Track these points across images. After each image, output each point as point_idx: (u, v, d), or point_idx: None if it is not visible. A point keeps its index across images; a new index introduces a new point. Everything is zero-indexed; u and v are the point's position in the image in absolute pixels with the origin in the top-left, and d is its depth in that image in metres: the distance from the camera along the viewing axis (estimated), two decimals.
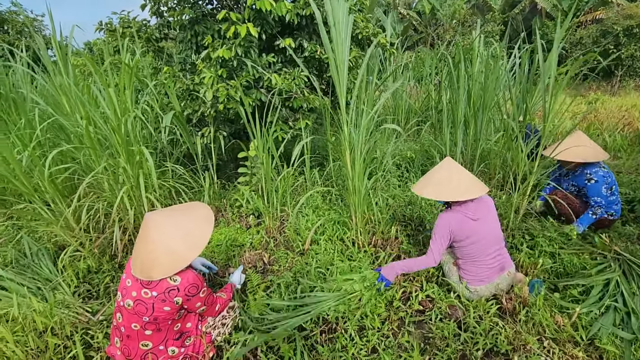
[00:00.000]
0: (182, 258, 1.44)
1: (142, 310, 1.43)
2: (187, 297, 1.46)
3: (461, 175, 1.96)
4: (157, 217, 1.48)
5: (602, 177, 2.54)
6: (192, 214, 1.59)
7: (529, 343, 1.69)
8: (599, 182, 2.53)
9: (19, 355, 1.62)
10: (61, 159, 2.61)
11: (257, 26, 2.74)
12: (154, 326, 1.47)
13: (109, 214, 2.46)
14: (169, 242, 1.43)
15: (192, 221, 1.55)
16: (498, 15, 12.94)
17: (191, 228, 1.52)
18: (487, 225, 1.95)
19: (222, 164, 3.98)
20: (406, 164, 3.85)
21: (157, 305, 1.42)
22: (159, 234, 1.43)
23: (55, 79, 2.53)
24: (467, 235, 1.91)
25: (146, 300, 1.42)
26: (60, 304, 1.98)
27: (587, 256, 2.32)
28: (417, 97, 6.12)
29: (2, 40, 11.85)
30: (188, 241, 1.48)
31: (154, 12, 3.16)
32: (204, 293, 1.54)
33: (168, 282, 1.43)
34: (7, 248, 2.38)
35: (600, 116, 6.02)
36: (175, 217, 1.53)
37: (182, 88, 2.92)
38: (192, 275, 1.48)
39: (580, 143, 2.57)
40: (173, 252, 1.43)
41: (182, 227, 1.50)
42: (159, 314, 1.43)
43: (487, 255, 1.94)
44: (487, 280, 1.95)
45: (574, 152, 2.54)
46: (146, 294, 1.42)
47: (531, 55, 3.03)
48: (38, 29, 12.58)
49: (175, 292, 1.43)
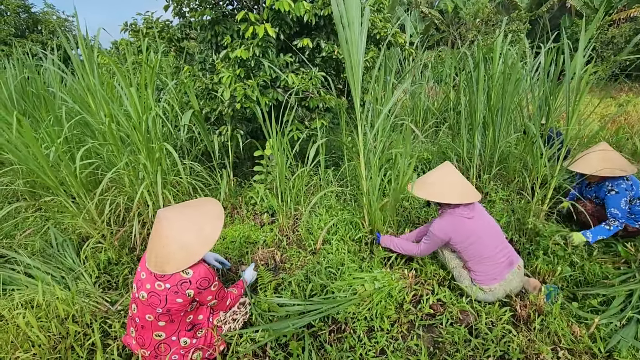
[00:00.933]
0: (194, 253, 1.49)
1: (156, 302, 1.48)
2: (199, 290, 1.51)
3: (457, 179, 2.03)
4: (169, 213, 1.53)
5: (623, 190, 2.42)
6: (203, 210, 1.64)
7: (543, 353, 1.65)
8: (620, 194, 2.41)
9: (42, 339, 1.71)
10: (86, 155, 2.72)
11: (275, 26, 2.78)
12: (167, 317, 1.52)
13: (130, 208, 2.56)
14: (181, 238, 1.49)
15: (204, 217, 1.60)
16: (524, 13, 12.53)
17: (203, 224, 1.57)
18: (484, 221, 1.99)
19: (238, 162, 4.05)
20: (423, 165, 3.80)
21: (170, 297, 1.47)
22: (171, 230, 1.49)
23: (81, 78, 2.64)
24: (467, 235, 1.93)
25: (159, 293, 1.48)
26: (81, 293, 2.07)
27: (609, 265, 2.23)
28: (435, 97, 6.02)
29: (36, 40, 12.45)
30: (200, 237, 1.53)
31: (176, 12, 3.25)
32: (215, 287, 1.58)
33: (181, 274, 1.48)
34: (35, 238, 2.50)
35: (630, 119, 5.75)
36: (187, 214, 1.58)
37: (201, 87, 2.99)
38: (204, 268, 1.53)
39: (606, 157, 2.46)
40: (186, 247, 1.48)
41: (194, 222, 1.55)
42: (172, 306, 1.49)
43: (492, 250, 1.94)
44: (499, 277, 1.93)
45: (599, 165, 2.43)
46: (159, 286, 1.48)
47: (557, 55, 2.93)
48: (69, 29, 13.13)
49: (187, 284, 1.48)
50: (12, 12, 12.35)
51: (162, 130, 3.03)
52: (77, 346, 1.74)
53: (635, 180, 2.50)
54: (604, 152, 2.48)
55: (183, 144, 3.27)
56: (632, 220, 2.46)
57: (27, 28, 13.01)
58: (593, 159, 2.48)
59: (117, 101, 2.88)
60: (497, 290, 1.94)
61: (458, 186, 1.99)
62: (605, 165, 2.42)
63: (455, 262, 2.13)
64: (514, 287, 1.96)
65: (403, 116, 4.87)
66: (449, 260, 2.15)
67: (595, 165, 2.43)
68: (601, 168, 2.40)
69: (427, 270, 2.23)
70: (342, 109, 2.99)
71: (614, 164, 2.43)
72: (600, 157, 2.47)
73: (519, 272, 1.98)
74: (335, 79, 3.40)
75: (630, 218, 2.46)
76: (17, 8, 12.43)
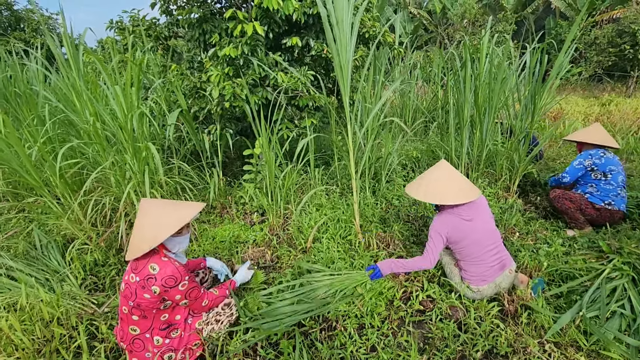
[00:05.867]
0: (146, 238, 1.48)
1: (128, 294, 1.48)
2: (165, 288, 1.47)
3: (454, 178, 1.95)
4: (148, 203, 1.56)
5: (586, 154, 2.72)
6: (181, 206, 1.62)
7: (530, 346, 1.68)
8: (579, 156, 2.74)
9: (26, 343, 1.67)
10: (71, 155, 2.67)
11: (264, 25, 2.76)
12: (139, 312, 1.50)
13: (116, 208, 2.51)
14: (142, 221, 1.50)
15: (173, 214, 1.56)
16: (510, 14, 12.74)
17: (169, 213, 1.55)
18: (482, 224, 1.93)
19: (228, 161, 4.02)
20: (412, 163, 3.83)
21: (139, 291, 1.46)
22: (143, 217, 1.51)
23: (66, 77, 2.59)
24: (463, 237, 1.90)
25: (131, 285, 1.48)
26: (67, 295, 2.03)
27: (593, 260, 2.28)
28: (424, 97, 6.08)
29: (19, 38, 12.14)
30: (155, 226, 1.50)
31: (164, 10, 3.21)
32: (183, 286, 1.54)
33: (148, 270, 1.47)
34: (18, 240, 2.44)
35: (613, 118, 5.90)
36: (164, 208, 1.57)
37: (189, 86, 2.96)
38: (171, 267, 1.50)
39: (591, 129, 2.80)
40: (141, 232, 1.49)
41: (160, 213, 1.54)
42: (141, 301, 1.47)
43: (486, 254, 1.92)
44: (489, 279, 1.93)
45: (578, 134, 2.83)
46: (132, 278, 1.48)
47: (541, 55, 2.99)
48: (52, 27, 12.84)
49: (152, 280, 1.46)
50: None
51: (149, 129, 2.99)
52: (63, 349, 1.70)
53: (610, 158, 2.65)
54: (594, 125, 2.84)
55: (171, 143, 3.23)
56: (597, 198, 2.61)
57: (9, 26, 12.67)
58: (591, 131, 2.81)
59: (102, 100, 2.83)
60: (485, 291, 1.95)
61: (455, 186, 1.92)
62: (588, 133, 2.79)
63: (447, 259, 2.15)
64: (503, 288, 1.97)
65: (392, 115, 4.91)
66: (441, 256, 2.16)
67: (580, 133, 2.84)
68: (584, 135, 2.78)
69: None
70: (332, 108, 2.99)
71: (599, 134, 2.74)
72: (590, 128, 2.84)
73: (510, 275, 1.97)
74: (324, 77, 3.40)
75: (594, 195, 2.63)
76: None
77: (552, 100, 3.35)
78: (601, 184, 2.62)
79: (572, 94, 9.39)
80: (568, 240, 2.54)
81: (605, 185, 2.60)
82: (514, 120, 3.27)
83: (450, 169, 1.99)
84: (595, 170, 2.65)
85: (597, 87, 10.65)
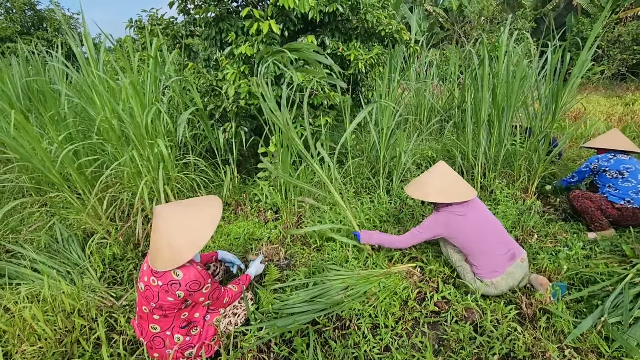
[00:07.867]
0: (180, 255, 1.46)
1: (150, 296, 1.50)
2: (189, 292, 1.50)
3: (450, 178, 2.07)
4: (165, 210, 1.52)
5: (594, 157, 2.76)
6: (200, 212, 1.59)
7: (549, 350, 1.63)
8: (587, 160, 2.79)
9: (49, 333, 1.72)
10: (91, 151, 2.73)
11: (280, 23, 2.77)
12: (161, 312, 1.52)
13: (133, 204, 2.56)
14: (171, 237, 1.47)
15: (197, 219, 1.55)
16: (529, 11, 12.43)
17: (195, 227, 1.53)
18: (477, 215, 2.01)
19: (242, 159, 4.05)
20: (427, 163, 3.79)
21: (162, 294, 1.48)
22: (164, 226, 1.49)
23: (86, 75, 2.65)
24: (459, 231, 1.98)
25: (153, 288, 1.49)
26: (86, 288, 2.08)
27: (616, 264, 2.21)
28: (440, 95, 5.99)
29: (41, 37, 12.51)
30: (189, 240, 1.49)
31: (181, 9, 3.25)
32: (207, 289, 1.56)
33: (171, 275, 1.48)
34: (40, 233, 2.52)
35: (637, 118, 5.70)
36: (183, 213, 1.55)
37: (205, 84, 2.99)
38: (194, 272, 1.50)
39: (609, 135, 2.86)
40: (173, 247, 1.46)
41: (187, 224, 1.52)
42: (164, 303, 1.49)
43: (490, 244, 1.96)
44: (500, 269, 1.93)
45: (595, 141, 2.89)
46: (153, 281, 1.49)
47: (563, 53, 2.90)
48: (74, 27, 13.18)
49: (177, 286, 1.47)
50: (17, 9, 12.42)
51: (166, 127, 3.03)
52: (83, 340, 1.75)
53: (622, 159, 2.64)
54: (612, 131, 2.92)
55: (187, 140, 3.28)
56: (616, 196, 2.56)
57: (32, 25, 13.08)
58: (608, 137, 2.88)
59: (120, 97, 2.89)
60: (499, 283, 1.93)
61: (451, 186, 2.04)
62: (604, 139, 2.87)
63: (456, 257, 2.14)
64: (517, 279, 1.95)
65: (407, 114, 4.85)
66: (451, 256, 2.17)
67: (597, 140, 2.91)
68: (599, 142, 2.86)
69: (432, 268, 2.23)
70: (347, 107, 2.98)
71: (615, 139, 2.82)
72: (607, 134, 2.91)
73: (522, 264, 1.97)
74: (339, 76, 3.38)
75: (613, 194, 2.58)
76: (22, 5, 12.50)
77: (573, 99, 3.27)
78: (619, 182, 2.59)
79: (594, 93, 9.11)
80: (589, 243, 2.47)
81: (623, 183, 2.57)
82: (534, 120, 3.19)
83: (448, 170, 2.11)
84: (608, 170, 2.65)
85: (620, 86, 10.29)
